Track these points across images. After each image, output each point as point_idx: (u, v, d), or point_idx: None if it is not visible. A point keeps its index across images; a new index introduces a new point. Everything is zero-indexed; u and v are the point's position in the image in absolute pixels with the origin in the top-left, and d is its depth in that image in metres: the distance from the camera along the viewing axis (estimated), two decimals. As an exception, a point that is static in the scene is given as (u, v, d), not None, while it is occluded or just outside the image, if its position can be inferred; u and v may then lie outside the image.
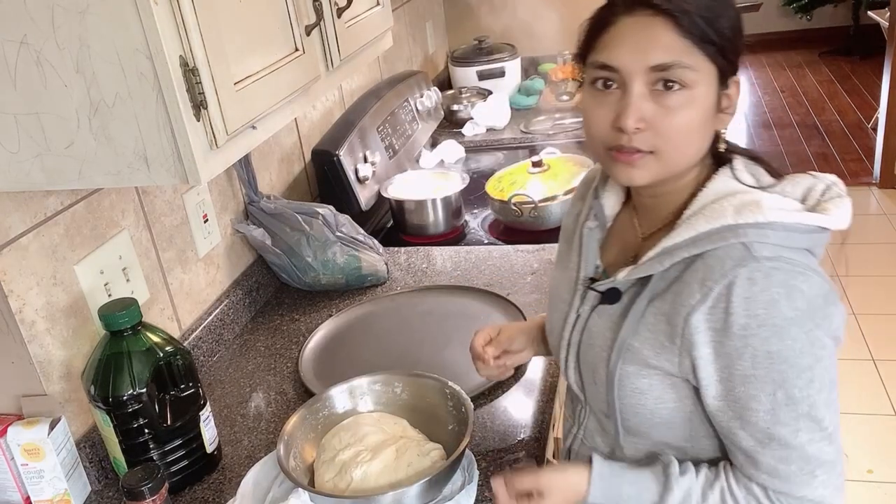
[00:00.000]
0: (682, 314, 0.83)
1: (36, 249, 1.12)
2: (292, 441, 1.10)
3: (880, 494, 2.36)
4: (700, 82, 0.84)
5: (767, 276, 0.80)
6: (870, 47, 6.11)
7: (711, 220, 0.83)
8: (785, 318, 0.79)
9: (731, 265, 0.81)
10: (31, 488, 1.12)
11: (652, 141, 0.85)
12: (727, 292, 0.80)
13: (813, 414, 0.82)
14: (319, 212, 1.67)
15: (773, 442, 0.83)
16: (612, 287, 0.93)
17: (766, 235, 0.81)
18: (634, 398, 0.91)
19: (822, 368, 0.81)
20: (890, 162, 4.20)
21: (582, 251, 1.00)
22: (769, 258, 0.80)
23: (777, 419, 0.82)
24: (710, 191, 0.87)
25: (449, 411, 1.13)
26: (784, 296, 0.79)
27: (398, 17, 2.28)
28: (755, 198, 0.84)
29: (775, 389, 0.81)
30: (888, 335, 3.05)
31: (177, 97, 0.84)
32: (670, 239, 0.86)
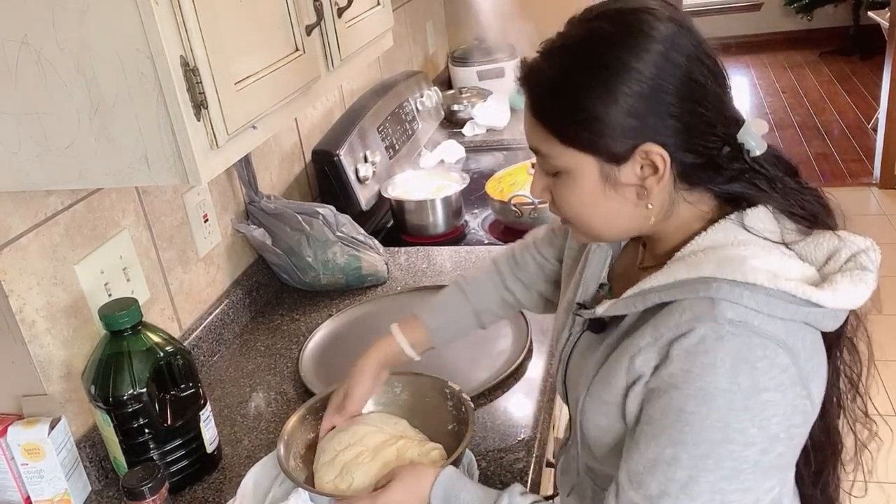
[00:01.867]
0: (629, 353, 0.80)
1: (36, 249, 1.12)
2: (292, 441, 1.10)
3: (880, 494, 2.36)
4: (573, 165, 0.80)
5: (719, 339, 0.73)
6: (870, 47, 6.11)
7: (691, 268, 0.77)
8: (716, 387, 0.73)
9: (688, 318, 0.75)
10: (32, 488, 1.12)
11: (559, 213, 0.87)
12: (674, 342, 0.75)
13: (688, 485, 0.75)
14: (320, 212, 1.67)
15: (641, 489, 0.78)
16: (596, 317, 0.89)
17: (740, 296, 0.73)
18: (595, 431, 0.88)
19: (726, 451, 0.74)
20: (890, 162, 4.20)
21: (585, 269, 0.97)
22: (731, 321, 0.73)
23: (653, 470, 0.77)
24: (707, 237, 0.81)
25: (449, 411, 1.13)
26: (728, 365, 0.72)
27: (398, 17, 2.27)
28: (743, 253, 0.76)
29: (667, 445, 0.76)
30: (888, 335, 3.05)
31: (177, 97, 0.84)
32: (648, 281, 0.80)
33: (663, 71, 0.76)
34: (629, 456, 0.81)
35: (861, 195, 4.21)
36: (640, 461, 0.79)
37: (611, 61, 0.76)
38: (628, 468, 0.80)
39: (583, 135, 0.78)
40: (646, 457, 0.78)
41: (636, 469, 0.79)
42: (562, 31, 0.82)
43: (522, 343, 1.39)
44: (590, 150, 0.79)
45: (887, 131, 4.15)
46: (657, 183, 0.79)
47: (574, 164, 0.80)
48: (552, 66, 0.80)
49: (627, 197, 0.81)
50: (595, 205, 0.82)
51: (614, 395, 0.83)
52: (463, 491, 0.91)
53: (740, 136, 0.80)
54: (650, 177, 0.79)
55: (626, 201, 0.82)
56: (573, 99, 0.78)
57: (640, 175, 0.79)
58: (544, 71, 0.81)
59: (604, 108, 0.76)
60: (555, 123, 0.80)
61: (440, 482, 0.92)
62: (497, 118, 2.67)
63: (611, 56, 0.76)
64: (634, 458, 0.79)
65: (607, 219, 0.84)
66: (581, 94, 0.77)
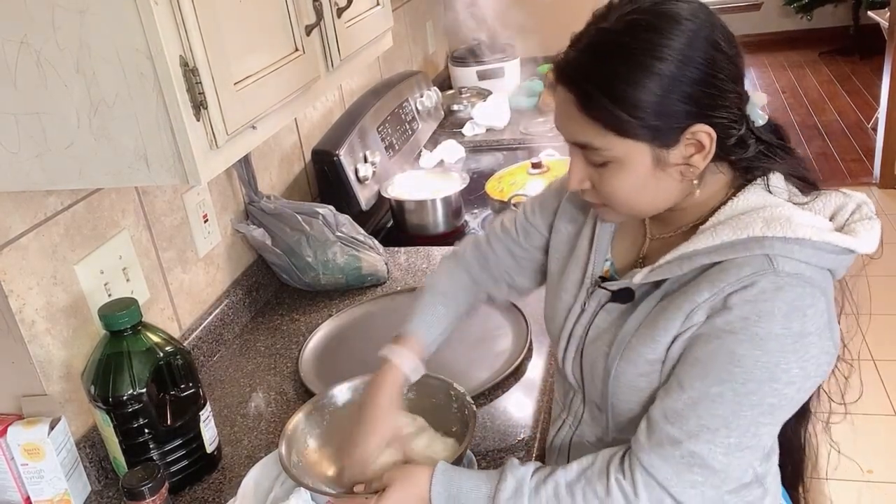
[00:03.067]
0: (685, 310, 0.84)
1: (36, 249, 1.12)
2: (295, 438, 1.10)
3: (880, 494, 2.36)
4: (625, 154, 0.83)
5: (779, 290, 0.80)
6: (870, 47, 6.11)
7: (738, 230, 0.83)
8: (769, 332, 0.79)
9: (749, 272, 0.81)
10: (31, 488, 1.12)
11: (600, 198, 0.89)
12: (733, 294, 0.81)
13: (729, 421, 0.82)
14: (319, 212, 1.67)
15: (678, 423, 0.83)
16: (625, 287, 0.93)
17: (791, 251, 0.81)
18: (631, 395, 0.91)
19: (769, 388, 0.81)
20: (890, 162, 4.20)
21: (594, 244, 0.99)
22: (789, 273, 0.80)
23: (695, 407, 0.82)
24: (740, 202, 0.86)
25: (454, 413, 1.13)
26: (783, 312, 0.79)
27: (398, 17, 2.27)
28: (786, 213, 0.83)
29: (714, 384, 0.82)
30: (888, 335, 3.05)
31: (177, 97, 0.84)
32: (690, 245, 0.85)
33: (699, 48, 0.80)
34: (666, 395, 0.85)
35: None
36: (681, 398, 0.84)
37: (655, 49, 0.79)
38: (664, 407, 0.85)
39: (639, 125, 0.81)
40: (688, 394, 0.83)
41: (674, 407, 0.84)
42: (597, 25, 0.84)
43: (522, 343, 1.39)
44: (645, 139, 0.82)
45: (887, 131, 4.15)
46: (703, 160, 0.84)
47: (628, 153, 0.83)
48: (597, 61, 0.82)
49: (674, 176, 0.86)
50: (644, 188, 0.86)
51: (659, 352, 0.87)
52: (462, 479, 0.92)
53: (747, 109, 0.86)
54: (695, 154, 0.84)
55: (672, 180, 0.86)
56: (625, 90, 0.80)
57: (686, 154, 0.84)
58: (589, 66, 0.82)
59: (655, 97, 0.79)
60: (608, 116, 0.82)
61: (437, 478, 0.92)
62: (497, 118, 2.67)
63: (654, 44, 0.79)
64: (673, 396, 0.84)
65: (655, 198, 0.88)
66: (632, 84, 0.79)
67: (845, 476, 2.41)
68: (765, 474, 0.96)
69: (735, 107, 0.84)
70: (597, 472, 0.87)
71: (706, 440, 0.82)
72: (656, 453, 0.84)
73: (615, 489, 0.85)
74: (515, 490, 0.88)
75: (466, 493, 0.90)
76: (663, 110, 0.80)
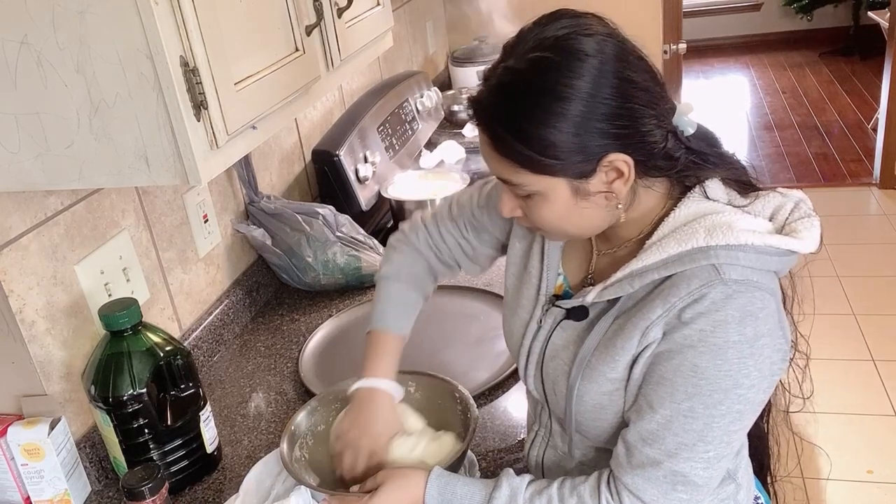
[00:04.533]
0: (641, 328, 0.84)
1: (36, 249, 1.12)
2: (296, 436, 1.10)
3: (880, 494, 2.36)
4: (544, 189, 0.84)
5: (729, 298, 0.80)
6: (870, 48, 6.11)
7: (682, 242, 0.83)
8: (727, 341, 0.80)
9: (698, 284, 0.81)
10: (31, 488, 1.12)
11: (532, 225, 0.91)
12: (687, 305, 0.82)
13: (704, 434, 0.83)
14: (319, 212, 1.67)
15: (656, 444, 0.84)
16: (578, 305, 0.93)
17: (736, 258, 0.81)
18: (594, 413, 0.92)
19: (735, 395, 0.82)
20: (890, 162, 4.20)
21: (544, 259, 0.99)
22: (736, 280, 0.81)
23: (669, 426, 0.83)
24: (681, 213, 0.87)
25: (457, 415, 1.13)
26: (737, 319, 0.80)
27: (398, 17, 2.27)
28: (727, 219, 0.84)
29: (683, 400, 0.82)
30: (888, 335, 3.05)
31: (177, 97, 0.84)
32: (639, 261, 0.86)
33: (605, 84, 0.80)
34: (639, 418, 0.86)
35: (861, 195, 4.21)
36: (654, 419, 0.84)
37: (557, 88, 0.79)
38: (639, 429, 0.86)
39: (548, 162, 0.82)
40: (660, 414, 0.84)
41: (649, 428, 0.85)
42: (504, 63, 0.84)
43: (522, 343, 1.39)
44: (558, 174, 0.83)
45: (887, 131, 4.15)
46: (624, 185, 0.84)
47: (546, 187, 0.84)
48: (503, 101, 0.83)
49: (598, 203, 0.86)
50: (570, 216, 0.87)
51: (619, 371, 0.87)
52: (457, 485, 0.92)
53: (675, 120, 0.86)
54: (616, 180, 0.84)
55: (597, 206, 0.87)
56: (531, 131, 0.80)
57: (607, 181, 0.84)
58: (496, 106, 0.84)
59: (562, 135, 0.80)
60: (519, 156, 0.83)
61: (432, 482, 0.92)
62: (497, 118, 2.66)
63: (556, 83, 0.79)
64: (646, 418, 0.85)
65: (581, 224, 0.89)
66: (537, 125, 0.80)
67: (845, 476, 2.41)
68: (735, 469, 0.98)
69: (655, 128, 0.83)
70: (588, 490, 0.88)
71: (686, 457, 0.83)
72: (639, 475, 0.85)
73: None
74: (510, 498, 0.89)
75: (461, 499, 0.90)
76: (574, 147, 0.80)
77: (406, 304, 1.15)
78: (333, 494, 0.99)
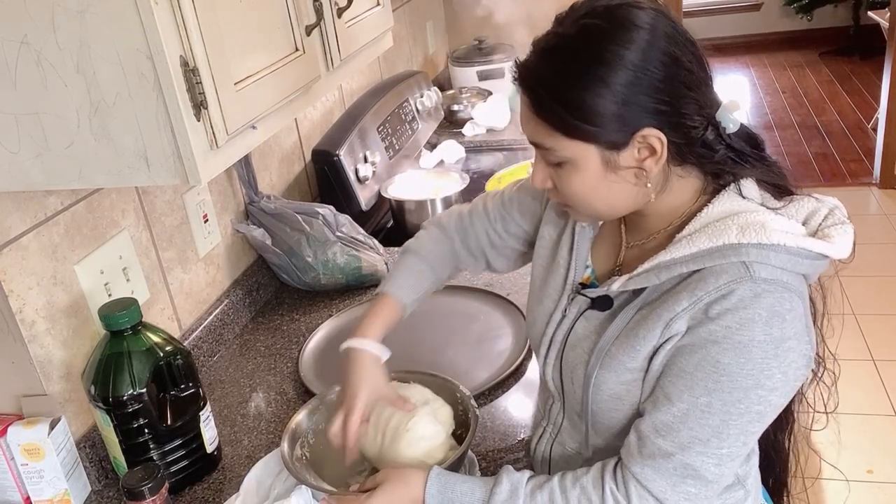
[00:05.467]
0: (665, 319, 0.85)
1: (36, 249, 1.12)
2: (297, 436, 1.10)
3: (880, 494, 2.36)
4: (574, 155, 0.85)
5: (757, 297, 0.80)
6: (870, 47, 6.11)
7: (714, 237, 0.83)
8: (752, 339, 0.80)
9: (727, 280, 0.81)
10: (31, 488, 1.12)
11: (561, 197, 0.90)
12: (715, 301, 0.82)
13: (720, 430, 0.83)
14: (319, 212, 1.67)
15: (669, 436, 0.84)
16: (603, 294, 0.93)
17: (767, 257, 0.81)
18: (611, 403, 0.92)
19: (755, 396, 0.82)
20: (890, 162, 4.20)
21: (573, 249, 1.00)
22: (766, 279, 0.81)
23: (685, 419, 0.83)
24: (715, 209, 0.87)
25: (458, 415, 1.13)
26: (764, 319, 0.80)
27: (398, 17, 2.27)
28: (761, 219, 0.84)
29: (702, 394, 0.82)
30: (888, 335, 3.05)
31: (177, 97, 0.84)
32: (667, 253, 0.86)
33: (652, 58, 0.80)
34: (655, 409, 0.86)
35: (861, 195, 4.21)
36: (671, 411, 0.84)
37: (604, 55, 0.80)
38: (654, 420, 0.86)
39: (583, 127, 0.82)
40: (677, 407, 0.84)
41: (664, 420, 0.85)
42: (554, 30, 0.85)
43: (522, 343, 1.39)
44: (591, 140, 0.83)
45: (887, 131, 4.15)
46: (655, 164, 0.85)
47: (577, 154, 0.85)
48: (549, 64, 0.84)
49: (627, 179, 0.86)
50: (598, 188, 0.87)
51: (639, 361, 0.87)
52: (457, 483, 0.92)
53: (718, 115, 0.86)
54: (648, 158, 0.84)
55: (626, 183, 0.87)
56: (571, 94, 0.82)
57: (639, 158, 0.84)
58: (541, 69, 0.85)
59: (601, 101, 0.80)
60: (556, 118, 0.84)
61: (432, 481, 0.92)
62: (497, 118, 2.67)
63: (603, 50, 0.80)
64: (663, 409, 0.85)
65: (609, 200, 0.89)
66: (578, 89, 0.81)
67: (845, 476, 2.41)
68: (745, 476, 0.97)
69: (695, 113, 0.83)
70: (591, 480, 0.88)
71: (699, 451, 0.83)
72: (649, 466, 0.85)
73: (609, 499, 0.86)
74: (511, 493, 0.89)
75: (461, 497, 0.90)
76: (611, 115, 0.81)
77: (418, 279, 1.16)
78: (333, 494, 0.99)
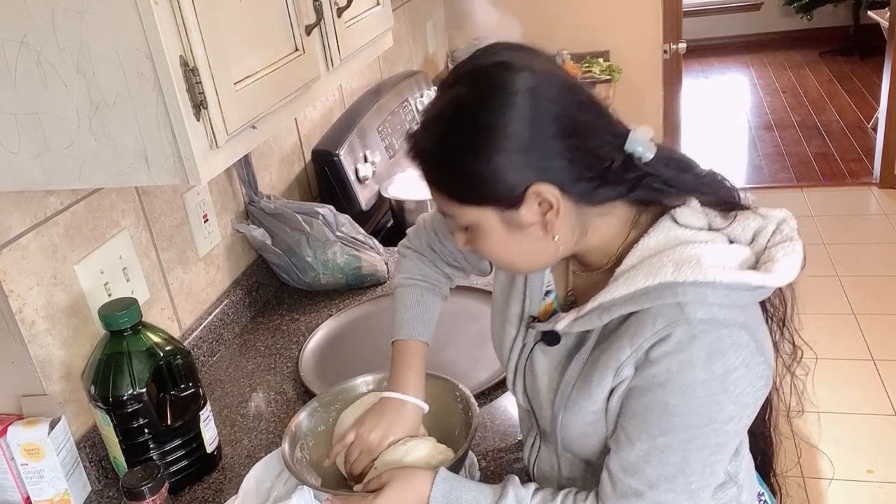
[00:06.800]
0: (612, 367, 0.84)
1: (36, 249, 1.12)
2: (298, 436, 1.10)
3: (880, 494, 2.36)
4: (475, 220, 0.85)
5: (694, 339, 0.79)
6: (870, 47, 6.11)
7: (650, 276, 0.81)
8: (695, 380, 0.79)
9: (663, 324, 0.80)
10: (31, 488, 1.12)
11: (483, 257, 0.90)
12: (653, 346, 0.81)
13: (683, 467, 0.83)
14: (319, 212, 1.67)
15: (637, 476, 0.84)
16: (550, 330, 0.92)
17: (704, 295, 0.79)
18: (581, 439, 0.92)
19: (711, 430, 0.81)
20: (890, 162, 4.20)
21: (528, 280, 0.98)
22: (702, 320, 0.79)
23: (648, 459, 0.84)
24: (650, 240, 0.84)
25: (458, 414, 1.13)
26: (703, 359, 0.79)
27: (398, 16, 2.27)
28: (697, 252, 0.81)
29: (658, 435, 0.82)
30: (888, 335, 3.05)
31: (177, 97, 0.84)
32: (608, 293, 0.84)
33: (532, 119, 0.78)
34: (619, 449, 0.86)
35: (861, 195, 4.21)
36: (633, 452, 0.85)
37: (477, 125, 0.79)
38: (620, 460, 0.86)
39: (473, 193, 0.83)
40: (638, 448, 0.84)
41: (629, 460, 0.85)
42: (435, 98, 0.86)
43: (522, 343, 1.38)
44: (485, 204, 0.83)
45: (887, 131, 4.14)
46: (556, 216, 0.83)
47: (477, 219, 0.85)
48: (430, 138, 0.85)
49: (536, 234, 0.85)
50: (509, 247, 0.87)
51: (598, 403, 0.88)
52: (462, 490, 0.92)
53: (627, 146, 0.82)
54: (548, 212, 0.83)
55: (534, 238, 0.85)
56: (454, 164, 0.82)
57: (539, 212, 0.83)
58: (424, 142, 0.86)
59: (485, 167, 0.80)
60: (446, 188, 0.85)
61: (438, 485, 0.92)
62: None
63: (476, 121, 0.80)
64: (625, 450, 0.85)
65: (524, 256, 0.88)
66: (460, 159, 0.81)
67: (845, 476, 2.41)
68: (736, 472, 0.98)
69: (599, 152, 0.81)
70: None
71: (667, 489, 0.84)
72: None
73: None
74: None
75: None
76: (494, 178, 0.80)
77: (425, 309, 1.14)
78: (337, 494, 0.99)
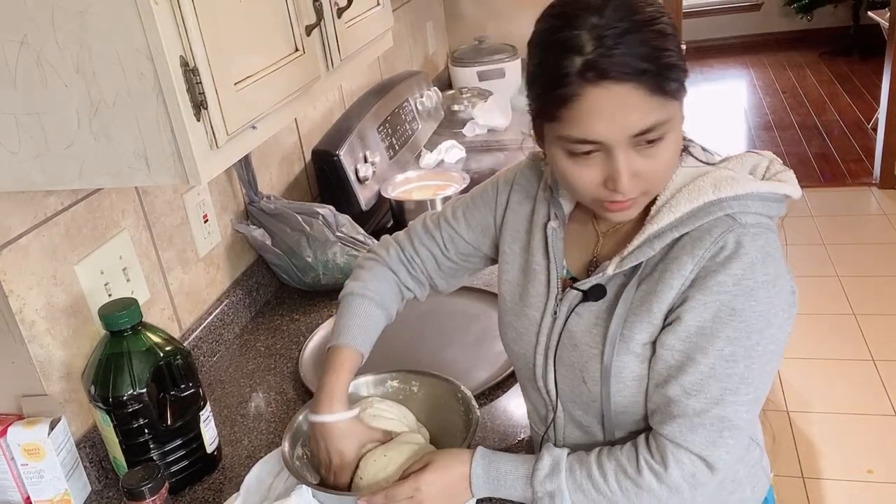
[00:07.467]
0: (676, 287, 0.87)
1: (36, 249, 1.12)
2: (298, 435, 1.10)
3: (880, 494, 2.36)
4: (675, 121, 0.85)
5: (753, 240, 0.84)
6: (870, 47, 6.11)
7: (693, 199, 0.87)
8: (756, 281, 0.84)
9: (720, 233, 0.85)
10: (31, 488, 1.12)
11: (643, 186, 0.87)
12: (714, 254, 0.85)
13: (746, 375, 0.86)
14: (319, 212, 1.67)
15: (701, 395, 0.86)
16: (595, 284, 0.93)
17: (746, 205, 0.86)
18: (634, 387, 0.92)
19: (769, 335, 0.85)
20: (890, 162, 4.20)
21: (549, 252, 0.99)
22: (752, 224, 0.86)
23: (713, 373, 0.86)
24: (679, 176, 0.90)
25: (459, 415, 1.13)
26: (760, 260, 0.84)
27: (398, 17, 2.27)
28: (726, 174, 0.88)
29: (724, 346, 0.85)
30: (888, 335, 3.05)
31: (177, 97, 0.84)
32: (654, 224, 0.88)
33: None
34: (679, 373, 0.87)
35: (861, 195, 4.21)
36: (698, 371, 0.86)
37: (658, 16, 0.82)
38: (681, 384, 0.87)
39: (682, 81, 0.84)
40: (704, 364, 0.86)
41: (692, 380, 0.87)
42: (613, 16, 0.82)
43: (522, 343, 1.39)
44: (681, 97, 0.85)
45: (887, 131, 4.15)
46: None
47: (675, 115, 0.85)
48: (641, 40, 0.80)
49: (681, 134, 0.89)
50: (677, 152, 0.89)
51: (652, 333, 0.90)
52: (501, 461, 0.97)
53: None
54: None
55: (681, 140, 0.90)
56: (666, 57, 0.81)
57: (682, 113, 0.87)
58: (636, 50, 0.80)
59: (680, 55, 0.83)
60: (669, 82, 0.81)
61: (477, 460, 0.97)
62: (498, 119, 2.67)
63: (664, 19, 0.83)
64: (688, 371, 0.87)
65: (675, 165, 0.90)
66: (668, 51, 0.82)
67: (845, 476, 2.41)
68: (756, 435, 1.02)
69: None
70: (626, 454, 0.91)
71: (731, 402, 0.86)
72: (684, 426, 0.87)
73: (645, 469, 0.89)
74: (552, 468, 0.92)
75: (505, 475, 0.95)
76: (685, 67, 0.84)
77: (370, 322, 1.11)
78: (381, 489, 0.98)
